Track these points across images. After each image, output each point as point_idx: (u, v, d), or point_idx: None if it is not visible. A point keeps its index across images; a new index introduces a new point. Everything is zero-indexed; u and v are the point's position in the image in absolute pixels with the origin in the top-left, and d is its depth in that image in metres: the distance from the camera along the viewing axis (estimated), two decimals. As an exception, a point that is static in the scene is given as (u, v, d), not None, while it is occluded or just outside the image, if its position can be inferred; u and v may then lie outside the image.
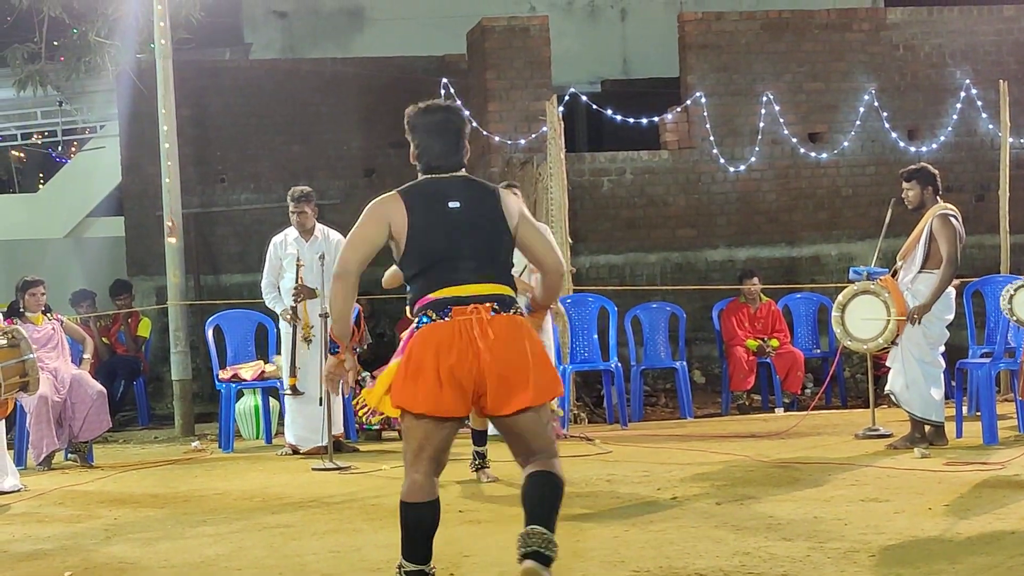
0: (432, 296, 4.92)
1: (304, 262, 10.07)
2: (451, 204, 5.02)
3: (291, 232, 10.37)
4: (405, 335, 5.04)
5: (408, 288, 5.10)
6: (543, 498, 4.98)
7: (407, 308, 5.13)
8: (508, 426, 4.99)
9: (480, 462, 8.37)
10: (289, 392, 10.14)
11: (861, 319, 9.27)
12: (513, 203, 5.14)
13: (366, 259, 5.08)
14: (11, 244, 18.04)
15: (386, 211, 5.07)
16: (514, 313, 4.96)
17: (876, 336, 9.20)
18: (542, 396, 4.94)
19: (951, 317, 9.23)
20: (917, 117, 14.76)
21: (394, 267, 5.76)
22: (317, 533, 6.83)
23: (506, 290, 4.99)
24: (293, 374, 10.06)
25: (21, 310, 10.19)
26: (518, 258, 5.26)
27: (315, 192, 10.65)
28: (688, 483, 7.97)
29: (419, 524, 4.94)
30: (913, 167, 9.46)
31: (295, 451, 10.20)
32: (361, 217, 5.12)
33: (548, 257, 5.19)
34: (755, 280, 12.70)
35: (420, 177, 5.22)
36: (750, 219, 14.45)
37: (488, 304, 4.90)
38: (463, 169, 5.19)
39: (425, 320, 4.91)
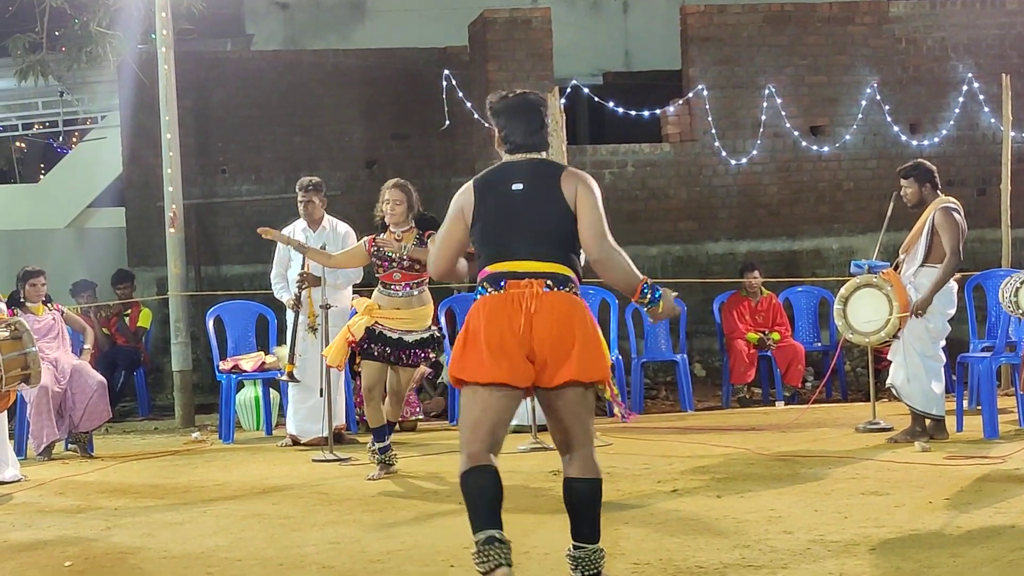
0: (489, 270, 5.07)
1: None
2: (515, 186, 5.14)
3: (299, 223, 10.35)
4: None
5: (476, 259, 5.23)
6: (587, 507, 5.12)
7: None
8: (551, 401, 5.03)
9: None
10: (285, 378, 10.13)
11: (863, 313, 9.27)
12: (571, 182, 5.17)
13: (454, 256, 5.30)
14: (12, 234, 18.03)
15: (460, 204, 5.23)
16: (569, 291, 5.05)
17: (878, 330, 9.20)
18: (586, 373, 4.97)
19: (953, 311, 9.22)
20: (919, 111, 14.74)
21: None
22: (317, 524, 6.83)
23: (562, 269, 5.07)
24: (292, 361, 10.06)
25: (22, 300, 10.19)
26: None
27: (322, 183, 10.62)
28: (688, 476, 7.97)
29: (483, 492, 5.00)
30: (909, 164, 9.45)
31: (296, 442, 10.21)
32: (448, 212, 5.29)
33: (588, 238, 5.18)
34: (756, 273, 12.69)
35: (502, 160, 5.31)
36: (751, 212, 14.44)
37: (542, 280, 4.99)
38: (543, 151, 5.29)
39: (481, 292, 5.06)
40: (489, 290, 5.03)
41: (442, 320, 11.21)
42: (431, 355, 8.60)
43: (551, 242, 5.09)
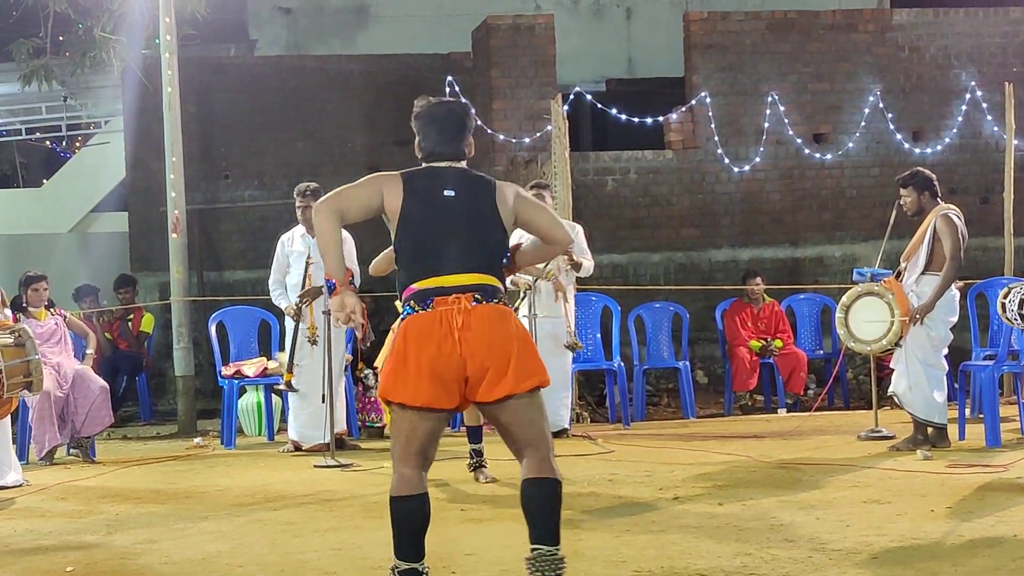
0: (416, 286, 4.96)
1: (314, 259, 9.96)
2: (446, 192, 5.05)
3: (299, 229, 10.35)
4: (395, 326, 5.09)
5: (398, 275, 5.10)
6: (543, 509, 5.01)
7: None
8: (494, 415, 5.00)
9: (477, 460, 8.34)
10: (284, 387, 10.13)
11: (865, 320, 9.27)
12: (509, 193, 5.14)
13: (350, 209, 5.08)
14: (15, 239, 18.04)
15: (383, 181, 5.13)
16: (497, 302, 4.97)
17: (880, 338, 9.20)
18: (523, 383, 4.91)
19: (955, 319, 9.22)
20: (922, 119, 14.75)
21: (384, 253, 5.84)
22: (319, 530, 6.83)
23: (490, 280, 5.00)
24: (290, 370, 10.05)
25: (24, 305, 10.20)
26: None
27: (321, 189, 10.63)
28: (690, 483, 7.96)
29: (410, 519, 4.94)
30: (907, 173, 9.47)
31: (297, 448, 10.20)
32: (360, 181, 5.21)
33: (554, 231, 5.21)
34: (759, 280, 12.70)
35: (420, 167, 5.24)
36: (754, 219, 14.44)
37: (470, 294, 4.91)
38: (463, 161, 5.21)
39: (408, 311, 4.96)
40: (416, 308, 4.93)
41: None
42: None
43: (480, 253, 5.01)
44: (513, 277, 10.17)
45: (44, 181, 23.63)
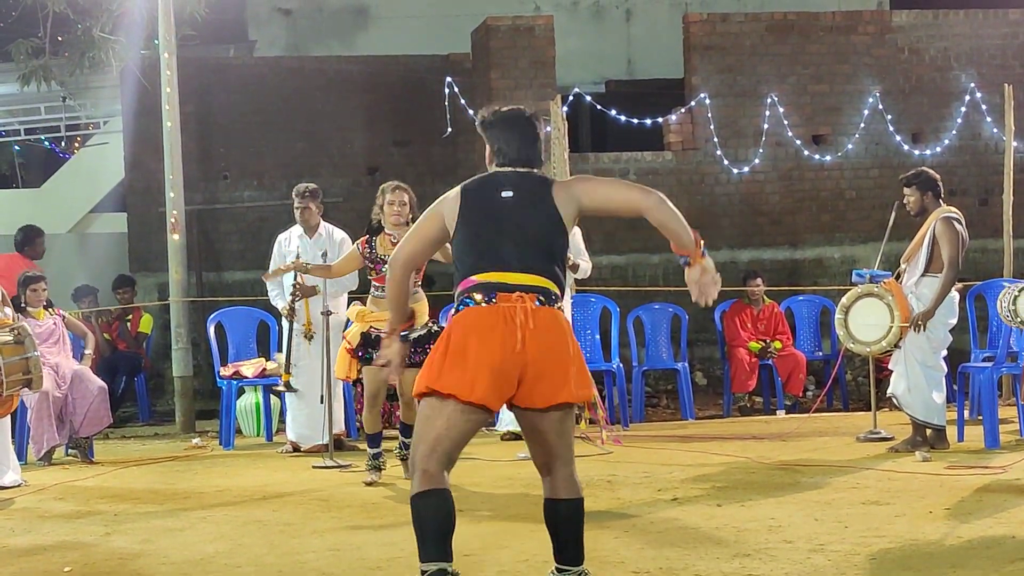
0: (477, 278, 4.84)
1: (306, 260, 9.95)
2: (504, 193, 4.95)
3: (296, 229, 10.36)
4: (450, 317, 4.95)
5: (455, 270, 5.00)
6: (572, 530, 4.93)
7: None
8: (535, 422, 4.85)
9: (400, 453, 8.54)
10: (283, 388, 10.13)
11: (865, 322, 9.27)
12: (565, 188, 4.99)
13: (415, 252, 5.09)
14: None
15: (441, 205, 5.05)
16: (557, 308, 4.87)
17: (879, 339, 9.20)
18: (578, 394, 4.83)
19: (954, 321, 9.22)
20: (921, 120, 14.75)
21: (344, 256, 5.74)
22: (317, 531, 6.82)
23: (551, 284, 4.87)
24: (288, 371, 10.05)
25: (23, 305, 10.19)
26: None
27: (320, 190, 10.63)
28: (689, 484, 7.96)
29: (435, 515, 4.79)
30: (912, 173, 9.47)
31: (296, 449, 10.20)
32: (425, 212, 5.16)
33: (633, 200, 5.01)
34: (759, 282, 12.69)
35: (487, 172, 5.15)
36: (753, 221, 14.44)
37: (533, 295, 4.80)
38: (537, 167, 5.09)
39: (469, 303, 4.83)
40: (478, 300, 4.80)
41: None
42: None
43: (541, 255, 4.88)
44: None
45: (43, 181, 23.64)
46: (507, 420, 10.45)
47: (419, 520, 4.81)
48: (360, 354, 8.41)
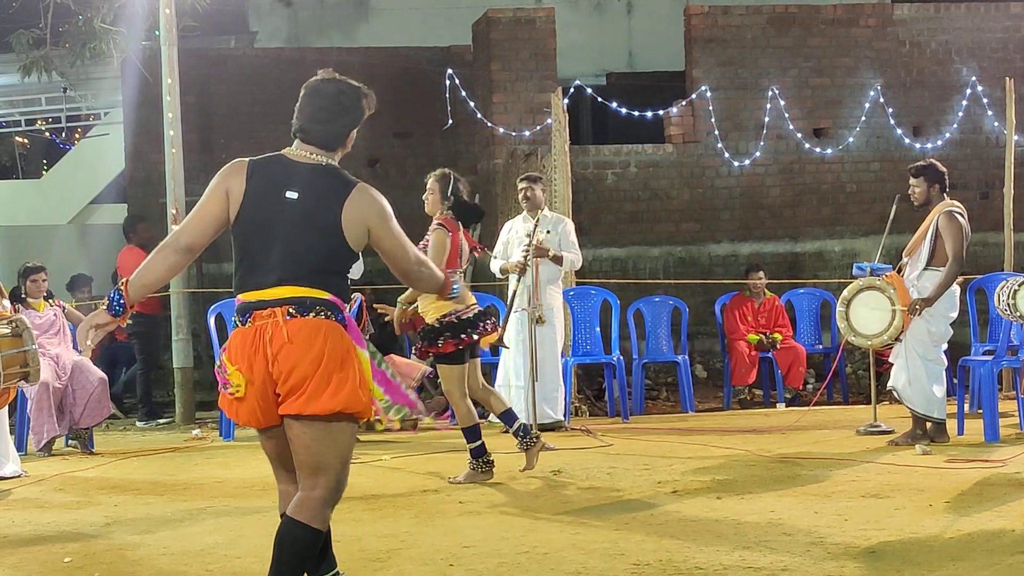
0: (241, 298, 4.65)
1: None
2: (288, 194, 4.60)
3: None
4: None
5: (233, 278, 4.75)
6: (284, 553, 4.66)
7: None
8: (287, 431, 4.59)
9: (527, 438, 8.16)
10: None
11: (866, 315, 9.27)
12: (364, 206, 4.60)
13: (202, 233, 4.69)
14: (15, 230, 18.05)
15: (228, 183, 4.68)
16: (314, 316, 4.52)
17: (881, 332, 9.20)
18: (319, 405, 4.46)
19: (955, 315, 9.22)
20: (922, 114, 14.74)
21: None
22: (317, 522, 6.81)
23: (314, 292, 4.54)
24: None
25: (23, 296, 10.19)
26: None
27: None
28: (689, 477, 7.96)
29: (280, 538, 4.67)
30: (921, 163, 9.46)
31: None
32: (211, 182, 4.76)
33: (397, 266, 4.79)
34: (761, 275, 12.69)
35: (284, 150, 4.81)
36: (754, 214, 14.44)
37: (285, 307, 4.51)
38: (333, 155, 4.74)
39: (234, 324, 4.69)
40: (238, 323, 4.64)
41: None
42: (488, 327, 7.93)
43: (307, 264, 4.56)
44: (504, 264, 10.19)
45: (44, 172, 23.65)
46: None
47: (275, 544, 4.72)
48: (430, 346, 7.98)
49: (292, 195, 4.60)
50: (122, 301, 4.70)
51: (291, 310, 4.52)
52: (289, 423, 4.55)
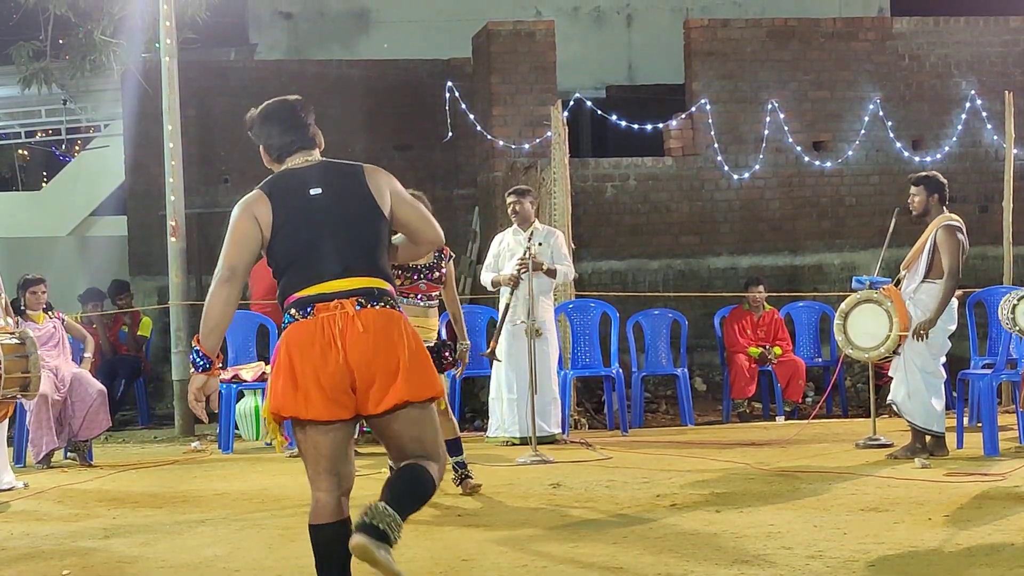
0: (297, 295, 4.62)
1: None
2: (312, 191, 4.69)
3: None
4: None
5: (277, 284, 4.75)
6: (405, 483, 4.62)
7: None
8: (381, 427, 4.67)
9: (462, 472, 8.07)
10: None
11: (863, 328, 9.27)
12: (383, 180, 4.79)
13: (252, 258, 4.72)
14: (14, 242, 18.06)
15: (250, 207, 4.70)
16: (384, 306, 4.62)
17: (878, 345, 9.20)
18: (416, 392, 4.57)
19: (953, 327, 9.22)
20: (922, 127, 14.76)
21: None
22: (315, 535, 6.80)
23: (376, 282, 4.64)
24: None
25: (22, 308, 10.19)
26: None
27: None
28: (688, 490, 7.96)
29: (329, 547, 4.66)
30: (923, 173, 9.48)
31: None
32: (231, 219, 4.77)
33: (424, 231, 4.89)
34: (761, 288, 12.68)
35: (277, 170, 4.87)
36: (753, 227, 14.44)
37: (353, 299, 4.57)
38: (317, 151, 4.88)
39: (288, 320, 4.63)
40: (296, 317, 4.58)
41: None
42: (449, 357, 8.19)
43: (362, 252, 4.65)
44: (496, 277, 10.18)
45: (43, 184, 23.67)
46: (504, 426, 10.44)
47: (317, 550, 4.72)
48: None
49: (316, 191, 4.69)
50: (204, 355, 4.74)
51: (361, 300, 4.57)
52: (391, 417, 4.59)
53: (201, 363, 4.74)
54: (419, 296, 8.03)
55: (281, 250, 4.68)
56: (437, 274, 8.05)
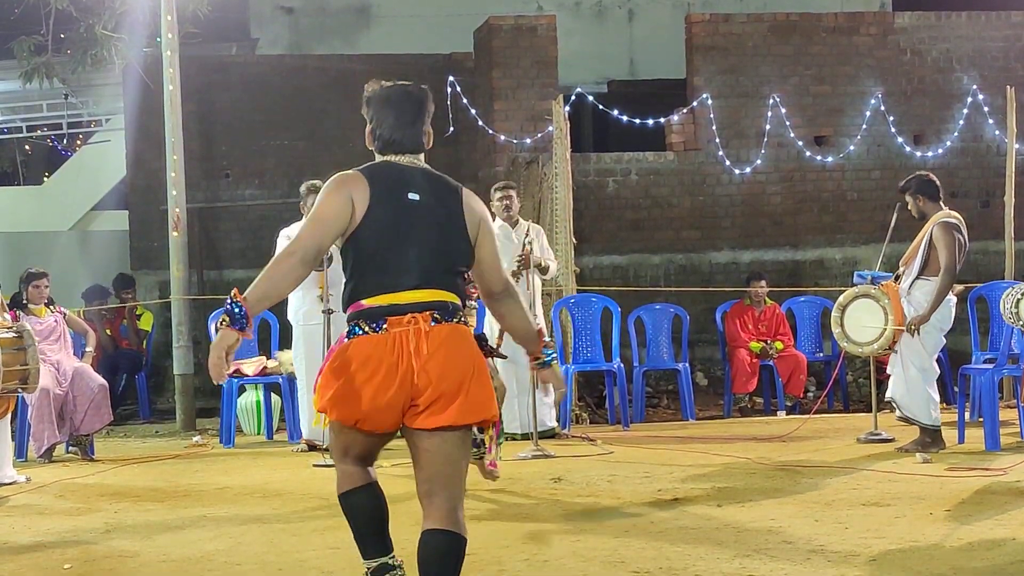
0: (367, 303, 4.42)
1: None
2: (411, 195, 4.49)
3: (299, 224, 10.33)
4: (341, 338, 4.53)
5: (345, 280, 4.54)
6: (441, 567, 4.51)
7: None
8: (421, 441, 4.46)
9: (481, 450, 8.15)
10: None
11: (860, 323, 9.29)
12: (477, 206, 4.63)
13: (331, 241, 4.47)
14: (16, 236, 18.04)
15: (348, 184, 4.48)
16: (458, 322, 4.47)
17: (872, 341, 9.22)
18: (468, 415, 4.41)
19: (948, 326, 9.26)
20: (923, 122, 14.74)
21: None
22: (317, 529, 6.82)
23: (451, 297, 4.47)
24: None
25: (24, 302, 10.20)
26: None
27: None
28: (689, 485, 7.96)
29: (362, 511, 4.65)
30: (905, 180, 9.52)
31: (312, 447, 10.01)
32: (321, 193, 4.53)
33: (489, 275, 4.68)
34: (763, 283, 12.69)
35: (377, 159, 4.70)
36: (755, 222, 14.44)
37: (428, 313, 4.39)
38: (423, 154, 4.68)
39: (357, 331, 4.41)
40: (365, 330, 4.38)
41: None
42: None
43: (444, 267, 4.49)
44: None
45: (45, 179, 23.67)
46: (504, 423, 10.44)
47: (350, 519, 4.67)
48: None
49: (415, 196, 4.49)
50: (244, 312, 4.42)
51: (436, 315, 4.40)
52: (432, 432, 4.41)
53: (240, 316, 4.41)
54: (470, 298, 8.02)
55: (364, 244, 4.44)
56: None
